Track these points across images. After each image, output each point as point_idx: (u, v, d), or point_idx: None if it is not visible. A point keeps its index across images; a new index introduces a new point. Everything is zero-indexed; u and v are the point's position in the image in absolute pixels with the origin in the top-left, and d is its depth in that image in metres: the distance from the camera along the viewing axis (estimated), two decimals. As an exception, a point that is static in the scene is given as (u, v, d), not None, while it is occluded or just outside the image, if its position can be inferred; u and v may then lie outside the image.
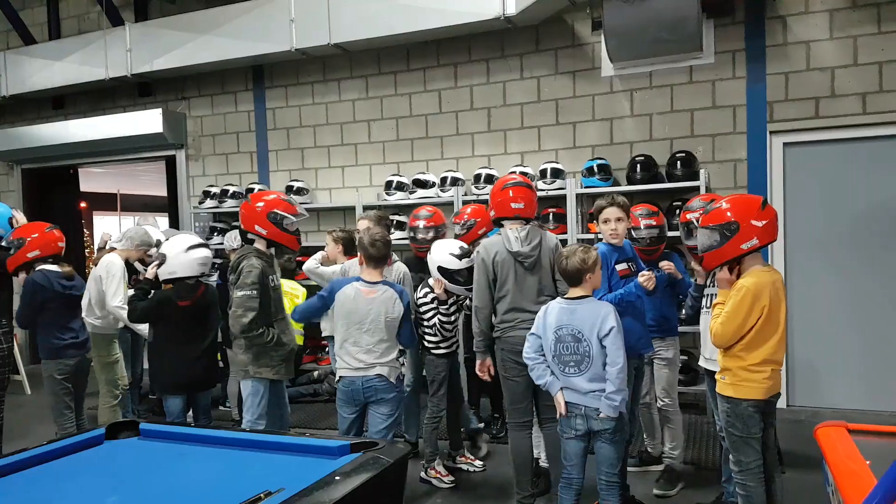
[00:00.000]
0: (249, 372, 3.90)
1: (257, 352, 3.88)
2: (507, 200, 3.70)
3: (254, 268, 3.77)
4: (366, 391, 3.67)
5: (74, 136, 7.88)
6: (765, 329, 2.99)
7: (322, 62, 7.03)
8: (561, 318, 3.22)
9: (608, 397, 3.11)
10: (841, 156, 5.41)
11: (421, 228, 4.71)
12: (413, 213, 4.92)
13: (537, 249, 3.65)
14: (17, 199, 8.73)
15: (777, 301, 2.99)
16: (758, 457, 3.06)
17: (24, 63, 7.96)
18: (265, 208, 3.90)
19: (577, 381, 3.19)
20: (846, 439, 2.36)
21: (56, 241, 4.55)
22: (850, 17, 5.26)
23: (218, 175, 7.69)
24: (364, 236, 3.77)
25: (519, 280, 3.64)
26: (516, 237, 3.63)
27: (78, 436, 2.84)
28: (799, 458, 4.29)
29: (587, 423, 3.19)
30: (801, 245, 5.49)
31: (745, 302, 2.95)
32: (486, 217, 4.86)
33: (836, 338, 5.45)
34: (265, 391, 3.94)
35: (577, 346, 3.17)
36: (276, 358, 3.93)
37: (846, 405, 5.40)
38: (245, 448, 2.65)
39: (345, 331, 3.69)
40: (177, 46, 7.07)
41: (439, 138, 6.67)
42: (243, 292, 3.73)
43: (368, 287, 3.69)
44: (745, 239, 2.99)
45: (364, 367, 3.66)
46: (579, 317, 3.19)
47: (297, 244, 4.07)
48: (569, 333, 3.19)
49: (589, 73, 6.07)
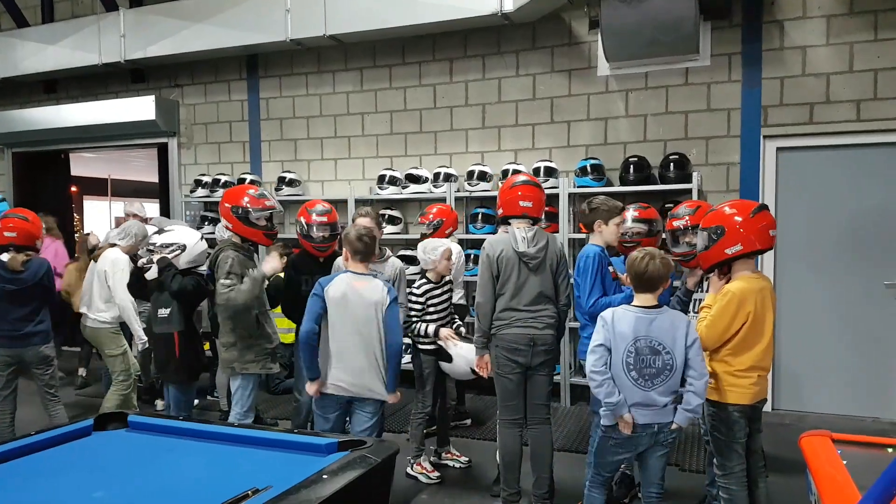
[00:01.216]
0: (236, 368, 3.92)
1: (242, 347, 3.90)
2: (516, 199, 3.70)
3: (230, 257, 3.87)
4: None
5: (66, 121, 7.84)
6: (751, 335, 3.01)
7: (317, 53, 7.00)
8: (638, 328, 2.92)
9: (693, 410, 2.92)
10: (834, 162, 5.44)
11: (316, 227, 4.31)
12: (306, 207, 4.46)
13: (543, 251, 3.65)
14: (7, 182, 8.67)
15: (763, 308, 3.01)
16: (741, 461, 3.09)
17: (16, 46, 7.88)
18: (230, 202, 3.99)
19: (654, 396, 2.91)
20: (830, 449, 2.39)
21: (2, 230, 4.43)
22: (847, 24, 5.28)
23: (210, 164, 7.65)
24: (350, 231, 3.67)
25: (521, 280, 3.65)
26: (523, 237, 3.64)
27: (67, 426, 2.83)
28: (783, 462, 4.33)
29: (652, 438, 2.99)
30: (791, 250, 5.52)
31: (731, 307, 2.98)
32: (452, 217, 5.05)
33: (823, 343, 5.50)
34: (254, 385, 3.97)
35: (656, 358, 2.91)
36: (261, 353, 3.95)
37: (831, 410, 5.46)
38: (233, 443, 2.65)
39: (340, 331, 3.52)
40: (171, 33, 7.01)
41: (433, 133, 6.66)
42: (226, 280, 3.82)
43: (358, 278, 3.57)
44: (729, 244, 3.03)
45: (357, 386, 3.52)
46: (659, 327, 2.93)
47: (263, 239, 4.08)
48: (647, 345, 2.91)
49: (585, 72, 6.07)
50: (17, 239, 4.42)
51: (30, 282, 4.48)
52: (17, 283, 4.44)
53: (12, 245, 4.42)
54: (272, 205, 4.06)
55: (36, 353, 4.56)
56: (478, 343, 3.81)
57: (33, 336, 4.54)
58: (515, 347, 3.60)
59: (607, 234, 3.81)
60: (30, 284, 4.48)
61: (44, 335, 4.59)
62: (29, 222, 4.49)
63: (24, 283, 4.45)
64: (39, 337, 4.57)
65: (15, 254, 4.41)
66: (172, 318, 4.09)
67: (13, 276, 4.42)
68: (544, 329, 3.63)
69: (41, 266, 4.55)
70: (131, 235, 5.10)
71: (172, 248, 4.15)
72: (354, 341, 3.50)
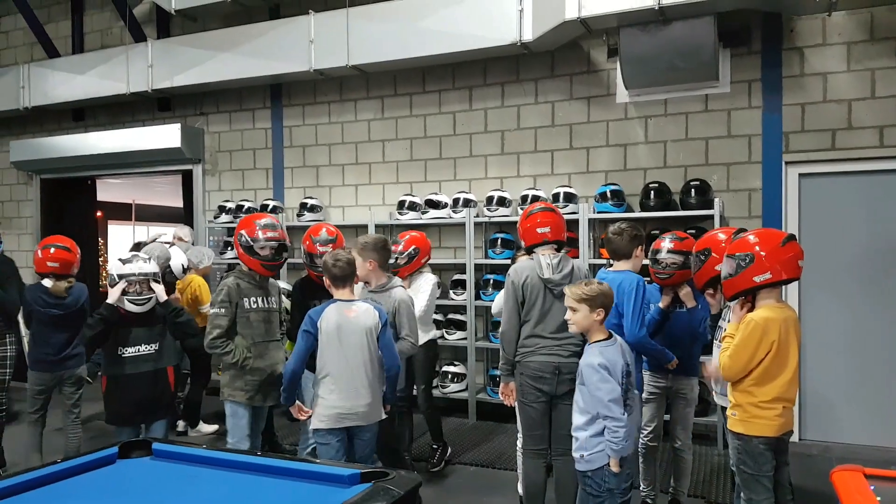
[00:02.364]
0: (225, 393, 3.91)
1: (232, 374, 3.88)
2: (534, 227, 3.75)
3: (226, 286, 3.86)
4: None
5: (94, 148, 8.00)
6: (775, 365, 2.97)
7: (339, 82, 7.11)
8: (626, 357, 3.26)
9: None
10: (857, 188, 5.39)
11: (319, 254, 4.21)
12: (310, 233, 4.41)
13: (568, 278, 3.65)
14: (34, 208, 8.85)
15: (787, 338, 2.97)
16: (769, 495, 3.03)
17: (47, 76, 8.09)
18: (237, 230, 3.99)
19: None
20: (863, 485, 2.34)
21: (45, 260, 4.51)
22: (868, 51, 5.27)
23: (234, 190, 7.76)
24: (326, 259, 3.61)
25: (546, 307, 3.65)
26: (548, 264, 3.65)
27: (91, 454, 2.86)
28: (811, 495, 4.24)
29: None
30: (814, 277, 5.44)
31: (754, 336, 2.95)
32: (426, 245, 4.83)
33: (850, 372, 5.41)
34: (245, 413, 3.89)
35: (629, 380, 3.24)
36: (249, 382, 3.85)
37: (858, 440, 5.34)
38: (257, 473, 2.66)
39: (337, 362, 3.49)
40: (197, 63, 7.17)
41: (453, 160, 6.71)
42: (212, 310, 3.84)
43: (348, 306, 3.55)
44: (758, 272, 2.99)
45: (357, 415, 3.52)
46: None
47: (263, 269, 3.94)
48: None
49: (604, 98, 6.10)
50: (59, 269, 4.53)
51: (73, 307, 4.61)
52: (61, 307, 4.56)
53: (53, 274, 4.53)
54: (272, 236, 3.89)
55: (71, 375, 4.68)
56: (502, 371, 3.80)
57: (71, 359, 4.67)
58: (540, 375, 3.59)
59: (640, 261, 3.86)
60: (73, 310, 4.60)
61: (80, 357, 4.73)
62: (70, 252, 4.59)
63: (67, 307, 4.59)
64: (76, 360, 4.70)
65: (56, 281, 4.53)
66: (165, 353, 3.97)
67: (56, 300, 4.54)
68: (569, 357, 3.60)
69: (82, 291, 4.71)
70: (154, 258, 5.17)
71: (155, 275, 3.97)
72: (351, 370, 3.49)
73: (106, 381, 3.92)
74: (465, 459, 5.12)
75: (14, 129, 8.96)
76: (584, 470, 3.17)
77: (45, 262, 4.51)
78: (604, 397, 3.06)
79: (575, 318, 3.21)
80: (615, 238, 3.88)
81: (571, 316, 3.22)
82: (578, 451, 3.18)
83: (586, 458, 3.14)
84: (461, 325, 6.31)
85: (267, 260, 3.93)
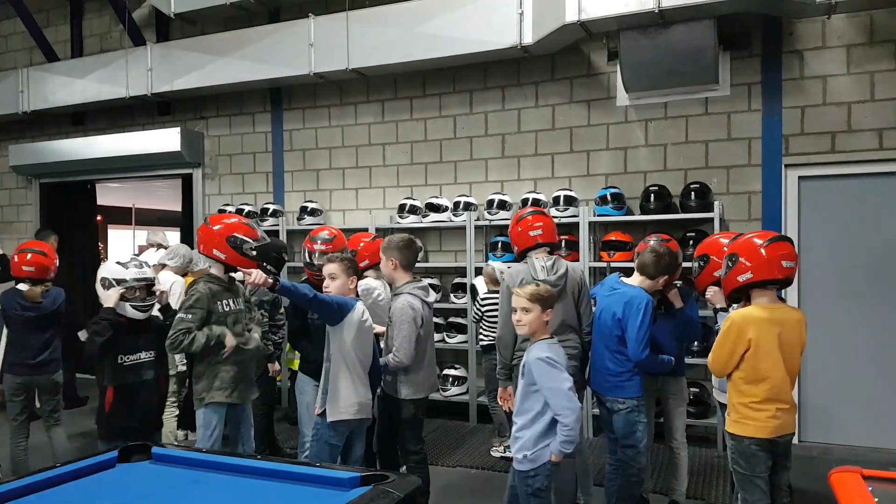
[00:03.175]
0: (204, 399, 3.76)
1: (205, 378, 3.77)
2: (526, 230, 3.75)
3: (198, 292, 3.71)
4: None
5: (93, 153, 8.01)
6: (762, 364, 2.99)
7: (339, 86, 7.11)
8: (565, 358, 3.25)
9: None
10: (857, 190, 5.40)
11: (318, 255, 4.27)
12: (311, 234, 4.46)
13: (563, 279, 3.65)
14: (34, 212, 8.85)
15: (770, 337, 2.97)
16: (763, 496, 3.03)
17: (46, 80, 8.10)
18: (224, 231, 3.75)
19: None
20: (861, 486, 2.33)
21: (21, 264, 4.50)
22: (868, 54, 5.27)
23: (234, 194, 7.76)
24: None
25: None
26: (542, 266, 3.66)
27: (91, 458, 2.85)
28: (810, 496, 4.24)
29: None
30: (815, 279, 5.46)
31: (730, 333, 3.02)
32: (369, 249, 4.44)
33: (849, 373, 5.40)
34: (218, 421, 3.78)
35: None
36: (224, 379, 3.77)
37: (858, 442, 5.34)
38: (257, 476, 2.65)
39: (359, 355, 3.58)
40: (197, 67, 7.17)
41: (453, 163, 6.71)
42: (179, 314, 3.68)
43: (362, 304, 3.73)
44: (740, 272, 3.06)
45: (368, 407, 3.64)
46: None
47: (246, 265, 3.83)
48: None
49: (604, 102, 6.10)
50: (35, 273, 4.52)
51: (48, 309, 4.59)
52: (35, 310, 4.54)
53: (29, 279, 4.52)
54: (263, 236, 3.97)
55: (48, 380, 4.64)
56: (500, 375, 3.79)
57: (48, 364, 4.62)
58: None
59: (657, 287, 3.73)
60: (48, 312, 4.58)
61: (56, 362, 4.69)
62: (46, 257, 4.57)
63: (43, 310, 4.57)
64: (53, 364, 4.66)
65: (32, 286, 4.51)
66: (161, 359, 3.87)
67: (32, 303, 4.53)
68: (568, 360, 3.59)
69: (59, 294, 4.69)
70: (180, 256, 5.16)
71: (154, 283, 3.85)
72: (365, 365, 3.61)
73: (113, 392, 3.65)
74: (465, 462, 5.11)
75: (13, 134, 8.97)
76: (527, 470, 3.05)
77: (21, 267, 4.50)
78: (562, 386, 2.97)
79: (527, 319, 3.07)
80: (650, 257, 3.66)
81: (523, 317, 3.07)
82: (521, 451, 3.06)
83: (529, 457, 3.04)
84: (462, 329, 6.30)
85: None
